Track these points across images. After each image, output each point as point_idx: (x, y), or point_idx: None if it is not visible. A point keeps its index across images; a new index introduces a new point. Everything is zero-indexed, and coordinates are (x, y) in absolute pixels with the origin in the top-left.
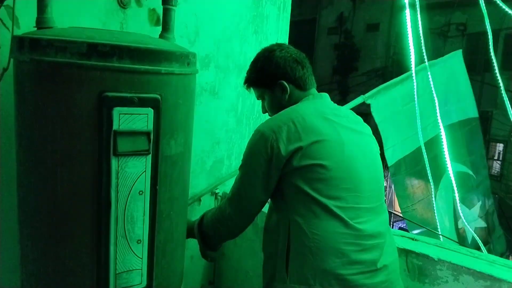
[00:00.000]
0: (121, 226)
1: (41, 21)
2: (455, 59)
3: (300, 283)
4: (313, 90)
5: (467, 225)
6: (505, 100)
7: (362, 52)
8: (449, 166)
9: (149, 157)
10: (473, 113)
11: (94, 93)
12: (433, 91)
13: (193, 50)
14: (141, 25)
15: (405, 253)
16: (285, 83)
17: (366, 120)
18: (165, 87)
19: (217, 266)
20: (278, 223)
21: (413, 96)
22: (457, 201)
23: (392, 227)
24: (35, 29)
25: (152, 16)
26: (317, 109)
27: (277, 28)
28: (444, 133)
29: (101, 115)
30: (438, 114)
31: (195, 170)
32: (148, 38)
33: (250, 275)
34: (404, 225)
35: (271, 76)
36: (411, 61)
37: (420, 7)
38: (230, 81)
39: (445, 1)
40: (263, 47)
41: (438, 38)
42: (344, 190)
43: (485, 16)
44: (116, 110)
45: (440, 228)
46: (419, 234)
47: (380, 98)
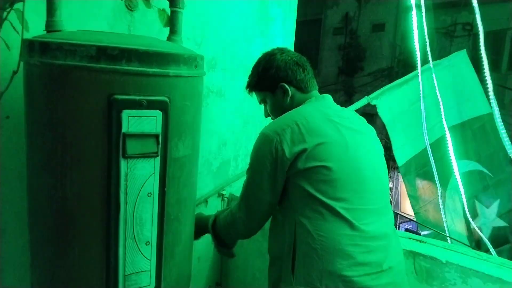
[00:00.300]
0: (130, 227)
1: (51, 24)
2: (459, 58)
3: (306, 284)
4: (315, 92)
5: (474, 225)
6: (493, 103)
7: (367, 52)
8: (455, 166)
9: (158, 159)
10: (485, 110)
11: (103, 96)
12: (437, 92)
13: (199, 52)
14: (147, 27)
15: (413, 255)
16: (286, 86)
17: (371, 120)
18: (173, 89)
19: (224, 267)
20: (283, 225)
21: (420, 95)
22: (464, 201)
23: (398, 228)
24: (44, 32)
25: (162, 16)
26: (320, 110)
27: (283, 29)
28: (448, 133)
29: (110, 117)
30: (442, 114)
31: (202, 172)
32: (156, 41)
33: (257, 276)
34: (411, 226)
35: (272, 80)
36: (417, 61)
37: (426, 7)
38: (237, 82)
39: (451, 1)
40: (268, 49)
41: (444, 38)
42: (349, 192)
43: (477, 14)
44: (125, 113)
45: (449, 230)
46: (427, 236)
47: (386, 98)
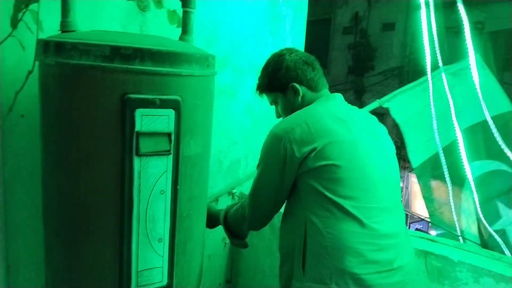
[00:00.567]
0: (143, 225)
1: (65, 24)
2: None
3: (316, 282)
4: (326, 91)
5: (488, 227)
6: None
7: (377, 51)
8: (467, 168)
9: (170, 157)
10: (507, 107)
11: (117, 95)
12: (448, 93)
13: (211, 52)
14: (159, 27)
15: (424, 255)
16: (297, 86)
17: (381, 120)
18: (185, 88)
19: (234, 265)
20: (294, 223)
21: (434, 96)
22: (477, 203)
23: (409, 228)
24: (58, 32)
25: (172, 17)
26: (330, 109)
27: (293, 28)
28: (461, 135)
29: (124, 116)
30: (453, 115)
31: (212, 170)
32: (169, 41)
33: (267, 274)
34: (421, 226)
35: (282, 80)
36: (426, 61)
37: (436, 6)
38: (247, 82)
39: None
40: (279, 48)
41: (456, 36)
42: (359, 190)
43: (463, 13)
44: (139, 112)
45: (465, 233)
46: (439, 236)
47: (398, 101)
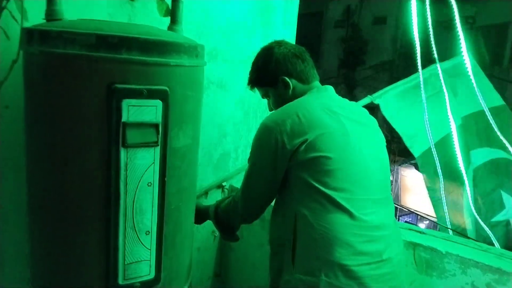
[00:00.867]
0: (130, 217)
1: (50, 13)
2: (463, 59)
3: (306, 273)
4: (317, 83)
5: (479, 220)
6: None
7: (369, 45)
8: (460, 161)
9: (158, 149)
10: (498, 102)
11: (103, 85)
12: (442, 82)
13: (200, 42)
14: (148, 17)
15: (413, 246)
16: (287, 79)
17: (372, 113)
18: (173, 79)
19: (224, 258)
20: (284, 215)
21: (427, 89)
22: (469, 195)
23: (398, 221)
24: (43, 21)
25: (161, 6)
26: (322, 101)
27: (284, 20)
28: (455, 128)
29: (110, 107)
30: (448, 109)
31: (202, 163)
32: (157, 30)
33: (257, 267)
34: (410, 219)
35: (272, 74)
36: (416, 54)
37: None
38: (238, 73)
39: None
40: (270, 40)
41: (447, 31)
42: (350, 182)
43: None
44: (125, 102)
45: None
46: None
47: (389, 97)
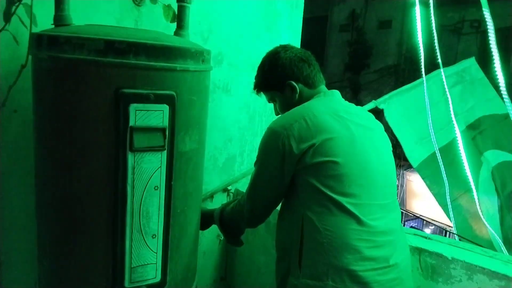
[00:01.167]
0: (136, 220)
1: (59, 18)
2: (469, 65)
3: (312, 278)
4: (323, 87)
5: (487, 225)
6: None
7: (374, 49)
8: (466, 167)
9: (165, 153)
10: (500, 110)
11: (111, 89)
12: (446, 89)
13: (206, 47)
14: (155, 22)
15: (418, 252)
16: (293, 83)
17: (378, 118)
18: (180, 84)
19: (229, 262)
20: (291, 220)
21: (434, 94)
22: (476, 200)
23: (404, 226)
24: (52, 26)
25: (167, 12)
26: (328, 106)
27: (289, 25)
28: (459, 134)
29: (117, 111)
30: (452, 115)
31: (207, 167)
32: (164, 35)
33: (262, 271)
34: (416, 224)
35: (279, 78)
36: (421, 59)
37: (433, 4)
38: (243, 78)
39: None
40: (275, 44)
41: (452, 35)
42: (357, 187)
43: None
44: (133, 107)
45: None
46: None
47: (394, 103)
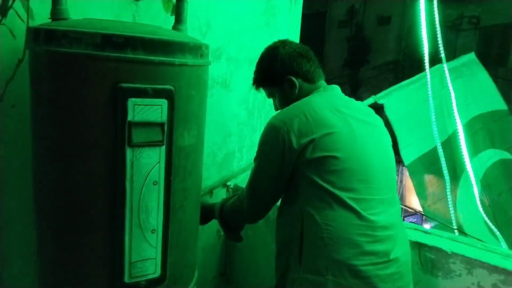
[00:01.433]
0: (135, 216)
1: (56, 12)
2: (469, 60)
3: (312, 273)
4: (322, 82)
5: (488, 221)
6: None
7: (373, 45)
8: (467, 161)
9: (163, 148)
10: (501, 106)
11: (109, 84)
12: (449, 84)
13: (205, 42)
14: (153, 17)
15: (418, 246)
16: (293, 78)
17: (377, 114)
18: (178, 78)
19: (229, 257)
20: (291, 215)
21: (433, 88)
22: (476, 196)
23: (403, 221)
24: (49, 21)
25: (167, 4)
26: (328, 101)
27: (288, 20)
28: (461, 126)
29: (115, 106)
30: (454, 107)
31: (206, 163)
32: (162, 30)
33: (261, 266)
34: (416, 220)
35: (278, 74)
36: (424, 54)
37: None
38: (242, 73)
39: None
40: (274, 39)
41: (450, 31)
42: (357, 182)
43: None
44: (131, 101)
45: (464, 227)
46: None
47: (394, 98)
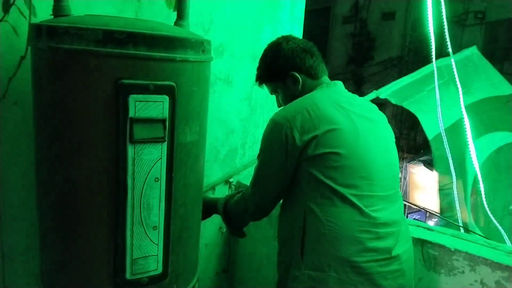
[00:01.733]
0: (137, 212)
1: (58, 9)
2: (471, 52)
3: (315, 270)
4: (325, 78)
5: (492, 217)
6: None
7: (377, 41)
8: (471, 145)
9: (165, 144)
10: (509, 91)
11: (110, 80)
12: (456, 75)
13: (207, 38)
14: (155, 13)
15: (421, 243)
16: (296, 74)
17: (381, 110)
18: (180, 74)
19: (231, 254)
20: (293, 211)
21: (432, 80)
22: (482, 193)
23: (407, 218)
24: (51, 17)
25: (169, 0)
26: (331, 97)
27: (291, 16)
28: (466, 114)
29: (117, 102)
30: (460, 94)
31: (209, 159)
32: (163, 26)
33: (264, 263)
34: (419, 217)
35: (281, 69)
36: (431, 49)
37: None
38: (244, 69)
39: None
40: (277, 35)
41: (456, 26)
42: (359, 178)
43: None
44: (132, 98)
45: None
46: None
47: (395, 90)
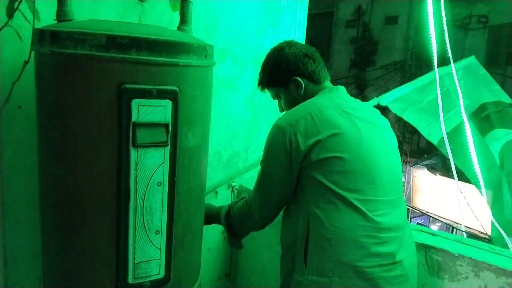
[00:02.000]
0: (140, 216)
1: (61, 14)
2: (470, 63)
3: (318, 275)
4: (328, 83)
5: (494, 222)
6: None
7: (380, 45)
8: (473, 151)
9: (168, 148)
10: (507, 99)
11: (113, 85)
12: (456, 79)
13: (210, 43)
14: (158, 18)
15: (425, 248)
16: (298, 79)
17: (383, 114)
18: (183, 79)
19: (234, 258)
20: (297, 215)
21: (432, 90)
22: (484, 194)
23: (410, 223)
24: (55, 22)
25: (174, 3)
26: (334, 102)
27: (294, 20)
28: (467, 122)
29: (120, 107)
30: (461, 99)
31: (212, 163)
32: (166, 30)
33: (266, 268)
34: (422, 221)
35: (283, 74)
36: (433, 54)
37: None
38: (247, 74)
39: None
40: (280, 40)
41: (459, 30)
42: (363, 183)
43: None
44: (135, 102)
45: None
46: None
47: (395, 98)
